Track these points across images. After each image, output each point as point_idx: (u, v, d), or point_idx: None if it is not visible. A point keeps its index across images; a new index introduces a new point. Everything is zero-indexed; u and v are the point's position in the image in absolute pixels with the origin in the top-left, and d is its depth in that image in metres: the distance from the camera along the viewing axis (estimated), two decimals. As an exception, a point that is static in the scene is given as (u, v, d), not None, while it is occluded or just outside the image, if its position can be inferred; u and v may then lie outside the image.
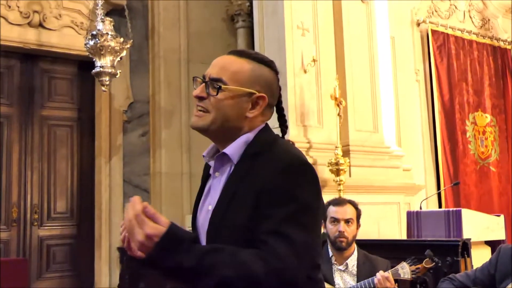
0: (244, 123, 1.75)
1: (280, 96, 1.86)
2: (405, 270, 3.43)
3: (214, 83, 1.73)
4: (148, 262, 1.53)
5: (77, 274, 7.03)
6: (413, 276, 3.47)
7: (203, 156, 1.84)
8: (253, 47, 6.57)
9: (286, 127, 1.89)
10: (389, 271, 3.47)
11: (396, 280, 3.45)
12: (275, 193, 1.59)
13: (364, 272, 3.61)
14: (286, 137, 1.87)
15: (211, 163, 1.80)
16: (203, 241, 1.72)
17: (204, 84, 1.75)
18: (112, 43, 5.98)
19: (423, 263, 3.46)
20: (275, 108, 1.86)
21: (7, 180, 6.74)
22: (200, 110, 1.75)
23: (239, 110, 1.74)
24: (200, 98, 1.75)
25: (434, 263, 3.47)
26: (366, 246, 3.95)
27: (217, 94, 1.71)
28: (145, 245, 1.52)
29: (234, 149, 1.73)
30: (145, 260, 1.53)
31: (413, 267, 3.44)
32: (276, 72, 1.83)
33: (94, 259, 7.01)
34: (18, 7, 6.68)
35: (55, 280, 6.91)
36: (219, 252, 1.54)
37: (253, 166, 1.68)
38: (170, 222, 1.56)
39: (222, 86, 1.72)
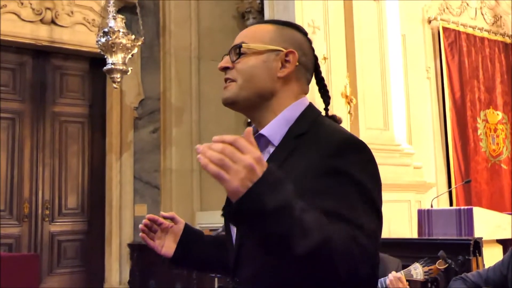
0: (276, 86, 1.56)
1: (317, 59, 1.66)
2: (417, 271, 3.42)
3: (236, 49, 1.58)
4: (252, 196, 1.16)
5: (88, 270, 7.08)
6: (426, 277, 3.46)
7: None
8: (264, 44, 6.56)
9: (329, 97, 1.66)
10: (402, 271, 3.46)
11: (407, 280, 3.45)
12: (330, 177, 1.36)
13: (375, 271, 3.60)
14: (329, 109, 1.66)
15: None
16: (234, 231, 1.55)
17: (228, 56, 1.61)
18: (124, 41, 6.01)
19: (436, 264, 3.45)
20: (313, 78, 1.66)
21: (19, 176, 6.79)
22: (228, 82, 1.58)
23: (268, 70, 1.55)
24: (225, 69, 1.60)
25: (447, 264, 3.46)
26: (377, 244, 3.94)
27: (239, 56, 1.56)
28: (250, 173, 1.16)
29: (273, 129, 1.54)
30: (247, 195, 1.16)
31: (426, 268, 3.43)
32: (305, 34, 1.64)
33: (104, 255, 7.05)
34: (31, 4, 6.72)
35: (65, 275, 6.96)
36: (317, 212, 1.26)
37: (296, 147, 1.47)
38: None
39: (243, 45, 1.57)
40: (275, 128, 1.53)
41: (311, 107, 1.58)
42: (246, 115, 1.64)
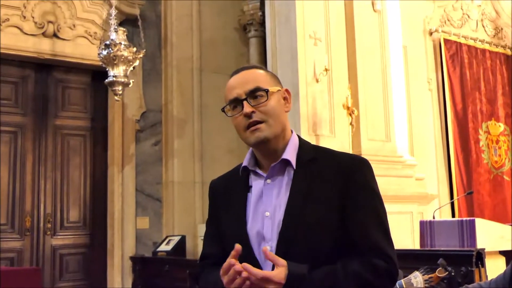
0: (285, 120, 1.86)
1: None
2: (418, 279, 3.42)
3: (257, 92, 1.79)
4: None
5: (90, 283, 7.05)
6: (426, 285, 3.45)
7: (246, 166, 1.87)
8: (265, 56, 6.59)
9: None
10: (402, 280, 3.45)
11: None
12: (363, 192, 1.77)
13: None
14: None
15: (259, 171, 1.85)
16: (259, 245, 1.77)
17: (246, 102, 1.78)
18: (125, 53, 6.02)
19: (436, 272, 3.45)
20: None
21: (21, 189, 6.78)
22: (257, 124, 1.78)
23: (282, 107, 1.84)
24: (251, 114, 1.77)
25: (447, 272, 3.45)
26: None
27: (267, 99, 1.78)
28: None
29: (290, 154, 1.81)
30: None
31: (426, 277, 3.43)
32: None
33: (106, 268, 7.03)
34: (33, 17, 6.75)
35: (68, 289, 6.94)
36: (333, 272, 1.68)
37: (316, 170, 1.79)
38: (287, 262, 1.66)
39: (270, 89, 1.80)
40: (291, 153, 1.81)
41: (298, 136, 1.90)
42: (269, 148, 1.82)
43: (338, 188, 1.75)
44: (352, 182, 1.75)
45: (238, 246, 1.65)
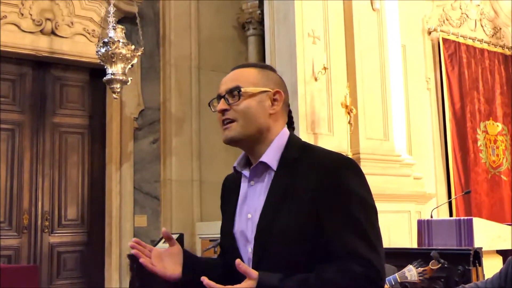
0: (270, 122, 1.79)
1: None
2: (411, 273, 3.44)
3: (234, 91, 1.77)
4: None
5: (88, 281, 7.05)
6: (420, 278, 3.48)
7: (234, 166, 1.86)
8: (264, 55, 6.59)
9: (293, 128, 1.93)
10: (396, 274, 3.47)
11: (403, 282, 3.46)
12: (338, 194, 1.66)
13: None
14: None
15: (245, 172, 1.84)
16: (244, 246, 1.77)
17: (222, 99, 1.79)
18: (124, 51, 6.02)
19: (430, 264, 3.48)
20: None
21: (19, 186, 6.77)
22: (228, 123, 1.78)
23: (263, 108, 1.78)
24: (224, 111, 1.78)
25: (440, 264, 3.46)
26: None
27: (239, 98, 1.76)
28: None
29: (270, 156, 1.77)
30: None
31: (420, 269, 3.45)
32: (276, 71, 1.91)
33: (104, 266, 7.02)
34: (31, 14, 6.73)
35: (65, 287, 6.93)
36: (305, 281, 1.60)
37: (296, 170, 1.72)
38: (258, 273, 1.60)
39: (242, 89, 1.76)
40: (272, 155, 1.77)
41: (292, 134, 1.85)
42: (244, 148, 1.83)
43: (314, 189, 1.66)
44: (329, 182, 1.66)
45: (133, 240, 1.81)
